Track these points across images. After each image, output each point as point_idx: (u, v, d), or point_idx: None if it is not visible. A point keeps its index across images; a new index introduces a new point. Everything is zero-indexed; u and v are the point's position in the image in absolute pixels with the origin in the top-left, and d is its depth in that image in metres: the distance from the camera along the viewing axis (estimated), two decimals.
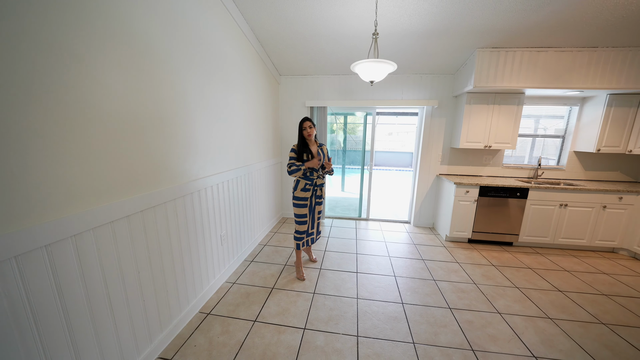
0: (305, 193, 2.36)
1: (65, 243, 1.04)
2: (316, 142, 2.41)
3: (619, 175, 3.37)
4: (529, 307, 2.06)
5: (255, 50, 2.81)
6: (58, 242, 1.01)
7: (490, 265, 2.73)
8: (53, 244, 0.99)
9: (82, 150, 1.10)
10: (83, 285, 1.11)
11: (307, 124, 2.29)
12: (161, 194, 1.52)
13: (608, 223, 2.93)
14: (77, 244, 1.08)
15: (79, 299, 1.10)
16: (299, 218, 2.41)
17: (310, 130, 2.28)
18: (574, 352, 1.64)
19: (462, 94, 3.24)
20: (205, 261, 2.05)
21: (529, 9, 2.14)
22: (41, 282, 0.96)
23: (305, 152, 2.30)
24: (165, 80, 1.53)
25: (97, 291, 1.17)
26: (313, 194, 2.41)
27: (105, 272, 1.21)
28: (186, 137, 1.75)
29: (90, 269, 1.14)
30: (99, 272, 1.18)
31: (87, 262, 1.13)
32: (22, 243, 0.90)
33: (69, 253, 1.06)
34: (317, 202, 2.47)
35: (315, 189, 2.41)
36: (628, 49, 2.60)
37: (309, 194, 2.37)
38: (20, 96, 0.89)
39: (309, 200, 2.40)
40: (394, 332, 1.78)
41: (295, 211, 2.40)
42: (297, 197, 2.37)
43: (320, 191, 2.45)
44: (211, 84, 2.02)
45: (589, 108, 3.17)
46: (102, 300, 1.20)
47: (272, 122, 3.58)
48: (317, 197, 2.45)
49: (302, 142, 2.34)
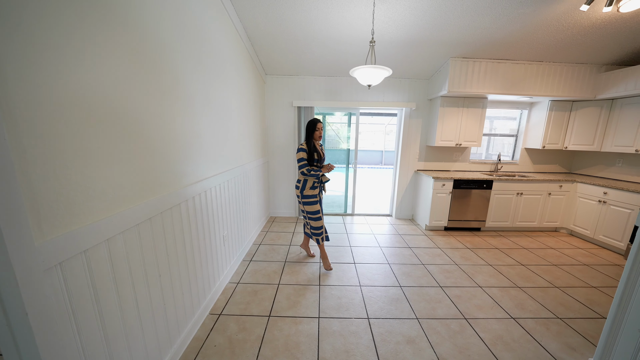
0: (313, 191, 2.46)
1: (100, 247, 1.01)
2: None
3: (557, 167, 4.07)
4: (502, 280, 2.44)
5: (246, 48, 2.80)
6: (95, 247, 0.98)
7: (466, 248, 3.12)
8: (91, 248, 0.97)
9: (113, 152, 1.07)
10: (115, 289, 1.08)
11: (320, 125, 2.40)
12: (178, 194, 1.50)
13: (552, 207, 3.54)
14: (110, 247, 1.06)
15: (112, 302, 1.06)
16: (314, 215, 2.48)
17: (321, 131, 2.43)
18: (540, 310, 2.01)
19: (436, 97, 3.61)
20: (212, 262, 2.03)
21: (495, 27, 2.52)
22: (81, 288, 0.93)
23: (315, 151, 2.41)
24: (172, 78, 1.51)
25: (127, 295, 1.14)
26: (320, 191, 2.53)
27: (134, 276, 1.19)
28: (193, 137, 1.73)
29: (121, 272, 1.11)
30: (128, 275, 1.15)
31: (119, 265, 1.10)
32: (65, 248, 0.86)
33: (104, 257, 1.02)
34: (321, 199, 2.59)
35: (322, 186, 2.55)
36: (564, 65, 3.19)
37: (317, 191, 2.49)
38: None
39: (318, 196, 2.51)
40: (398, 311, 1.98)
41: (309, 209, 2.47)
42: (307, 195, 2.44)
43: (324, 187, 2.58)
44: (214, 85, 2.00)
45: (535, 112, 3.78)
46: (131, 304, 1.17)
47: (260, 121, 3.58)
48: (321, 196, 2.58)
49: (312, 144, 2.42)
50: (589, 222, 3.27)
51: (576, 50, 2.92)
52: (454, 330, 1.80)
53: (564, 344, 1.70)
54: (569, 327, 1.84)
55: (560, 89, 3.26)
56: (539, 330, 1.81)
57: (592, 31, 2.56)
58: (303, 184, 2.45)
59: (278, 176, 4.07)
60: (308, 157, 2.37)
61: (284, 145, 3.97)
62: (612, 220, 3.02)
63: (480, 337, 1.73)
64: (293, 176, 4.07)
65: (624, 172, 3.37)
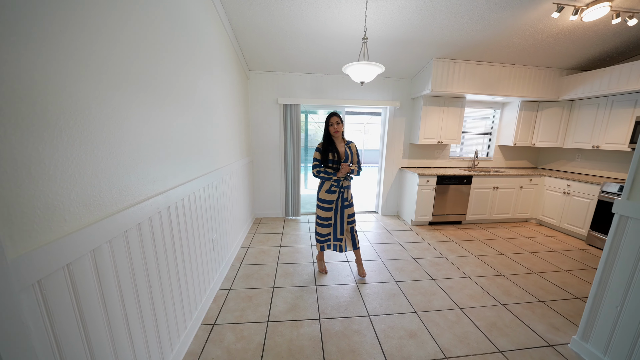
0: (330, 195, 2.20)
1: (84, 260, 0.86)
2: (344, 139, 2.20)
3: (526, 163, 4.42)
4: (487, 269, 2.58)
5: (230, 40, 2.65)
6: (79, 260, 0.84)
7: (450, 241, 3.26)
8: (74, 262, 0.82)
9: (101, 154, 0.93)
10: (103, 307, 0.94)
11: (334, 119, 2.09)
12: (166, 196, 1.37)
13: (523, 199, 3.83)
14: (96, 259, 0.91)
15: (99, 323, 0.92)
16: (322, 220, 2.26)
17: (338, 126, 2.09)
18: (524, 295, 2.15)
19: (419, 96, 3.72)
20: (203, 268, 1.89)
21: (475, 29, 2.65)
22: (64, 309, 0.79)
23: (331, 151, 2.12)
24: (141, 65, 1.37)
25: (116, 313, 1.00)
26: (339, 196, 2.23)
27: (123, 289, 1.04)
28: (179, 136, 1.59)
29: (108, 287, 0.97)
30: (116, 290, 1.01)
31: (106, 279, 0.96)
32: (44, 263, 0.72)
33: (89, 271, 0.88)
34: (344, 205, 2.25)
35: (342, 191, 2.23)
36: (533, 68, 3.46)
37: (335, 197, 2.21)
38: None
39: (335, 203, 2.23)
40: (397, 306, 2.00)
41: (319, 213, 2.26)
42: (321, 199, 2.22)
43: (347, 193, 2.25)
44: (202, 78, 1.86)
45: (507, 111, 4.07)
46: (120, 322, 1.03)
47: (245, 118, 3.43)
48: (343, 199, 2.24)
49: (328, 140, 2.14)
50: (555, 212, 3.59)
51: (543, 55, 3.18)
52: (451, 320, 1.85)
53: (549, 324, 1.83)
54: (551, 309, 1.99)
55: (529, 90, 3.53)
56: (526, 314, 1.93)
57: (558, 37, 2.80)
58: (320, 184, 2.24)
59: (263, 176, 3.94)
60: (322, 157, 2.13)
61: (269, 144, 3.84)
62: (574, 210, 3.34)
63: (476, 325, 1.80)
64: (279, 175, 3.96)
65: (582, 166, 3.75)
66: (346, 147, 2.19)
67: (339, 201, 2.26)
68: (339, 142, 2.19)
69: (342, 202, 2.26)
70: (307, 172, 7.07)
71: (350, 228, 2.33)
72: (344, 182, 2.22)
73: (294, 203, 4.01)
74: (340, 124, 2.13)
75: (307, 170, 7.00)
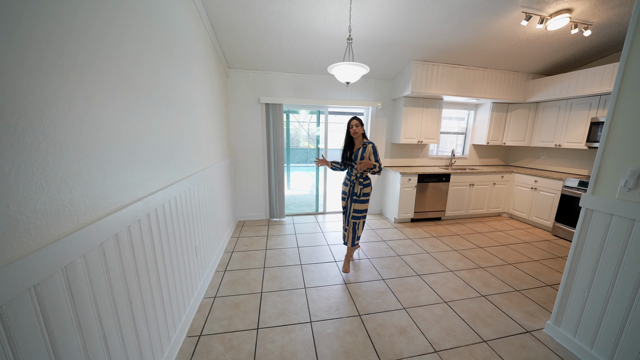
0: (344, 187, 2.53)
1: (55, 279, 0.76)
2: (364, 139, 2.37)
3: (497, 161, 4.72)
4: (467, 262, 2.71)
5: (209, 36, 2.53)
6: (49, 278, 0.74)
7: (432, 237, 3.39)
8: (43, 281, 0.72)
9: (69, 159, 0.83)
10: (78, 331, 0.84)
11: (353, 122, 2.33)
12: (146, 203, 1.26)
13: (496, 195, 4.09)
14: (69, 276, 0.81)
15: (73, 347, 0.82)
16: (343, 208, 2.57)
17: (357, 128, 2.31)
18: (502, 286, 2.29)
19: (399, 97, 3.82)
20: (186, 277, 1.79)
21: (453, 34, 2.76)
22: (33, 340, 0.69)
23: (346, 151, 2.43)
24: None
25: (93, 337, 0.90)
26: (351, 188, 2.44)
27: (100, 308, 0.94)
28: (177, 136, 1.48)
29: (84, 307, 0.86)
30: (93, 309, 0.91)
31: (80, 298, 0.85)
32: (6, 286, 0.62)
33: (61, 291, 0.78)
34: (353, 199, 2.42)
35: (352, 185, 2.42)
36: (503, 72, 3.69)
37: (347, 188, 2.48)
38: None
39: (348, 193, 2.48)
40: (386, 303, 2.03)
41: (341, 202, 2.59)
42: (341, 189, 2.57)
43: (357, 188, 2.39)
44: (182, 75, 1.75)
45: (480, 112, 4.31)
46: (99, 346, 0.93)
47: (225, 118, 3.30)
48: (353, 193, 2.42)
49: (348, 141, 2.42)
50: (524, 206, 3.86)
51: (512, 60, 3.40)
52: (438, 314, 1.91)
53: (525, 312, 1.96)
54: (526, 297, 2.13)
55: (500, 93, 3.77)
56: (505, 304, 2.05)
57: (525, 44, 3.01)
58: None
59: (245, 177, 3.82)
60: (342, 154, 2.48)
61: (251, 144, 3.74)
62: (541, 204, 3.62)
63: (461, 318, 1.88)
64: (262, 177, 3.87)
65: (547, 163, 4.07)
66: (361, 147, 2.36)
67: (349, 193, 2.47)
68: (357, 143, 2.41)
69: (351, 195, 2.45)
70: (291, 172, 7.00)
71: (353, 223, 2.47)
72: (352, 177, 2.43)
73: (278, 204, 3.94)
74: (360, 126, 2.34)
75: (289, 170, 6.93)
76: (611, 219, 1.42)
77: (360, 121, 2.35)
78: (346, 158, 2.45)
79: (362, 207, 2.42)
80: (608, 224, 1.44)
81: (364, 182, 2.40)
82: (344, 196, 2.52)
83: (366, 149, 2.34)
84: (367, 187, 2.41)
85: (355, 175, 2.41)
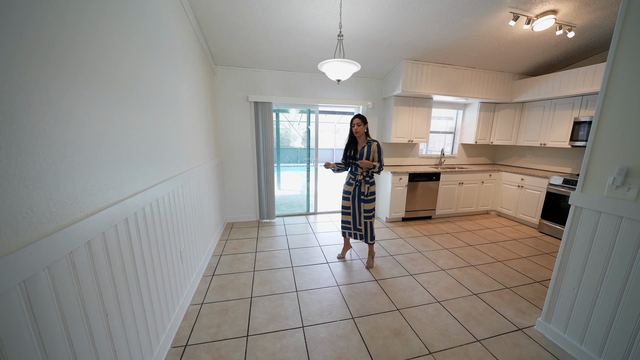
0: (348, 187, 2.49)
1: (12, 295, 0.68)
2: (367, 138, 2.38)
3: (485, 159, 4.81)
4: (458, 261, 2.72)
5: (194, 31, 2.42)
6: (3, 296, 0.65)
7: (423, 235, 3.40)
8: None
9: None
10: (41, 351, 0.75)
11: (355, 121, 2.31)
12: (124, 206, 1.17)
13: (484, 193, 4.16)
14: (29, 291, 0.72)
15: None
16: (342, 209, 2.57)
17: (359, 127, 2.30)
18: (492, 284, 2.31)
19: (390, 96, 3.82)
20: (170, 284, 1.69)
21: (443, 33, 2.77)
22: None
23: (350, 149, 2.40)
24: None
25: (59, 356, 0.81)
26: (356, 188, 2.43)
27: (68, 324, 0.85)
28: (143, 136, 1.39)
29: (47, 324, 0.77)
30: (60, 326, 0.82)
31: (44, 315, 0.76)
32: None
33: (18, 308, 0.69)
34: (361, 199, 2.43)
35: (358, 185, 2.41)
36: (490, 72, 3.75)
37: (352, 188, 2.45)
38: None
39: (352, 193, 2.45)
40: (379, 305, 1.99)
41: (342, 202, 2.57)
42: (343, 190, 2.54)
43: (363, 187, 2.40)
44: (165, 70, 1.65)
45: (468, 112, 4.37)
46: None
47: (212, 117, 3.19)
48: (360, 192, 2.43)
49: (351, 138, 2.40)
50: (511, 204, 3.95)
51: (499, 60, 3.46)
52: (431, 315, 1.90)
53: (516, 309, 1.97)
54: (517, 295, 2.15)
55: (487, 93, 3.83)
56: (496, 302, 2.06)
57: (512, 44, 3.06)
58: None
59: (234, 178, 3.71)
60: (343, 153, 2.44)
61: (240, 144, 3.63)
62: (527, 201, 3.70)
63: (454, 317, 1.87)
64: (251, 177, 3.77)
65: (532, 162, 4.18)
66: (365, 146, 2.35)
67: (356, 193, 2.45)
68: (361, 141, 2.39)
69: (359, 194, 2.44)
70: (281, 172, 6.91)
71: (365, 222, 2.49)
72: (358, 176, 2.41)
73: (268, 205, 3.85)
74: (362, 125, 2.31)
75: (280, 170, 6.84)
76: (599, 216, 1.44)
77: (363, 120, 2.33)
78: (349, 157, 2.42)
79: (372, 205, 2.46)
80: (597, 221, 1.46)
81: (370, 180, 2.42)
82: (347, 196, 2.50)
83: (371, 147, 2.34)
84: (372, 185, 2.44)
85: (361, 175, 2.40)
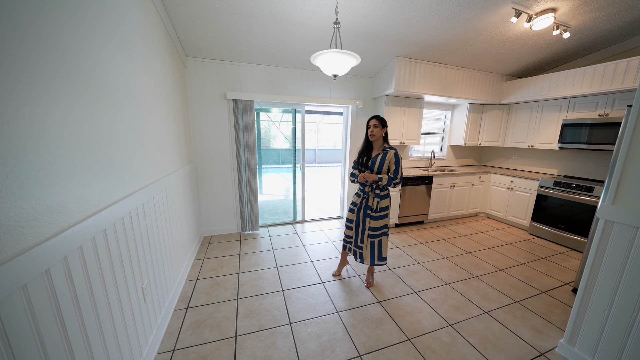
0: (355, 198, 2.21)
1: None
2: (385, 144, 2.09)
3: (472, 161, 4.80)
4: (460, 272, 2.56)
5: (157, 11, 1.98)
6: None
7: (419, 243, 3.23)
8: None
9: None
10: None
11: (372, 122, 2.03)
12: (50, 248, 0.78)
13: (474, 195, 4.11)
14: None
15: None
16: (347, 222, 2.25)
17: (375, 130, 2.00)
18: (500, 297, 2.16)
19: (381, 96, 3.60)
20: (127, 335, 1.29)
21: (440, 29, 2.59)
22: None
23: (363, 155, 2.10)
24: None
25: None
26: (364, 200, 2.13)
27: None
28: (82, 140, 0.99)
29: None
30: None
31: None
32: None
33: None
34: (367, 213, 2.11)
35: (366, 197, 2.12)
36: (480, 72, 3.68)
37: (359, 200, 2.16)
38: None
39: (359, 205, 2.16)
40: (387, 335, 1.74)
41: (347, 215, 2.27)
42: (351, 201, 2.24)
43: (371, 201, 2.08)
44: (116, 58, 1.24)
45: (457, 113, 4.30)
46: None
47: (184, 116, 2.75)
48: (367, 206, 2.11)
49: (367, 142, 2.10)
50: (501, 206, 3.93)
51: (490, 60, 3.38)
52: (446, 343, 1.68)
53: (531, 328, 1.82)
54: (527, 310, 2.01)
55: (477, 94, 3.76)
56: (509, 320, 1.90)
57: (506, 44, 2.97)
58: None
59: (211, 185, 3.28)
60: (357, 158, 2.15)
61: (217, 147, 3.21)
62: (517, 203, 3.69)
63: (471, 344, 1.67)
64: (230, 183, 3.36)
65: (518, 163, 4.21)
66: (381, 153, 2.05)
67: (362, 205, 2.15)
68: (376, 147, 2.10)
69: (365, 208, 2.13)
70: (262, 175, 6.47)
71: (370, 242, 2.15)
72: (367, 188, 2.12)
73: (252, 215, 3.46)
74: (379, 128, 2.02)
75: (261, 173, 6.40)
76: (637, 232, 1.29)
77: (382, 121, 2.03)
78: (361, 164, 2.12)
79: (380, 223, 2.10)
80: (633, 237, 1.31)
81: (380, 193, 2.08)
82: (352, 207, 2.20)
83: (386, 156, 2.03)
84: (384, 199, 2.09)
85: (370, 186, 2.10)
